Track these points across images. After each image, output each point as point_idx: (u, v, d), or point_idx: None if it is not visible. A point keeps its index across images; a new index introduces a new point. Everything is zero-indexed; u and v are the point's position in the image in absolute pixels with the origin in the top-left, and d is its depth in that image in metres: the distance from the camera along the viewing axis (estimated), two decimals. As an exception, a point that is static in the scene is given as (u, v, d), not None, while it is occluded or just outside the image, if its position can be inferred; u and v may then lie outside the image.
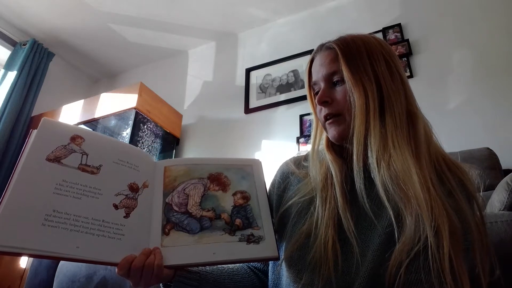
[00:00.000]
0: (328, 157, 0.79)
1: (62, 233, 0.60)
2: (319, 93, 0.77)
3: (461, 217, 0.63)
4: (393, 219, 0.65)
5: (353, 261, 0.66)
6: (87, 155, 0.70)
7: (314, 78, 0.81)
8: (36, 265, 1.61)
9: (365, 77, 0.72)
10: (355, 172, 0.71)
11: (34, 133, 0.67)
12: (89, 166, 0.69)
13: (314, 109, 0.83)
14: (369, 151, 0.70)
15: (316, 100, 0.78)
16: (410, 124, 0.72)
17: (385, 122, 0.71)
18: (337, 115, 0.75)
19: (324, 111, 0.77)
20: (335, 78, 0.76)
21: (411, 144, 0.69)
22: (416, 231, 0.61)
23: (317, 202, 0.74)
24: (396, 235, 0.63)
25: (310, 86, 0.84)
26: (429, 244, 0.59)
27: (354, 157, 0.71)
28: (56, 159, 0.67)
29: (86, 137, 0.72)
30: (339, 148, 0.80)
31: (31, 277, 1.58)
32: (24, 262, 2.27)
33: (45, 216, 0.60)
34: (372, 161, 0.69)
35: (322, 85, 0.78)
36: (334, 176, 0.75)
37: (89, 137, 0.73)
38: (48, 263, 1.57)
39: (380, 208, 0.69)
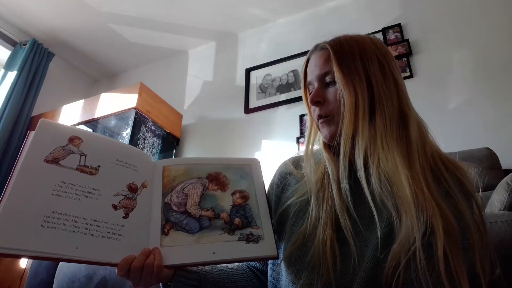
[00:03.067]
0: (324, 155, 0.79)
1: (61, 234, 0.60)
2: (312, 93, 0.78)
3: (459, 217, 0.63)
4: (377, 222, 0.65)
5: (350, 261, 0.66)
6: (85, 156, 0.70)
7: (308, 78, 0.81)
8: (36, 265, 1.61)
9: (356, 77, 0.72)
10: (340, 171, 0.71)
11: (31, 134, 0.67)
12: (88, 167, 0.69)
13: (309, 108, 0.83)
14: (356, 151, 0.70)
15: (309, 100, 0.78)
16: (402, 125, 0.71)
17: (375, 122, 0.70)
18: (327, 115, 0.76)
19: (316, 111, 0.78)
20: (328, 79, 0.76)
21: (402, 146, 0.68)
22: (410, 233, 0.60)
23: (313, 202, 0.74)
24: (380, 237, 0.63)
25: (305, 86, 0.84)
26: (417, 246, 0.59)
27: (341, 156, 0.71)
28: (55, 161, 0.67)
29: (84, 138, 0.72)
30: (335, 147, 0.80)
31: (31, 277, 1.58)
32: (24, 262, 2.28)
33: (44, 217, 0.60)
34: (359, 161, 0.69)
35: (315, 85, 0.78)
36: (330, 175, 0.75)
37: (87, 138, 0.73)
38: (48, 263, 1.57)
39: (367, 210, 0.69)
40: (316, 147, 0.84)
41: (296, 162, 0.88)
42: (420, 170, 0.66)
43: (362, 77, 0.73)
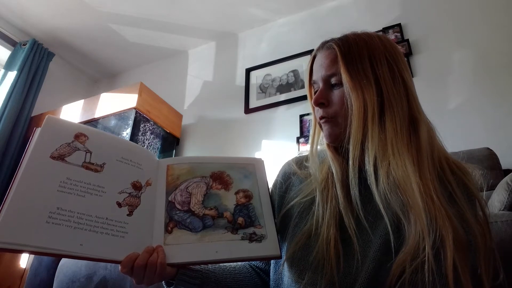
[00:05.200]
0: (328, 154, 0.78)
1: (66, 231, 0.61)
2: (316, 94, 0.76)
3: (464, 223, 0.62)
4: (389, 228, 0.64)
5: (353, 261, 0.66)
6: (90, 153, 0.70)
7: (314, 77, 0.80)
8: (36, 265, 1.60)
9: (364, 80, 0.70)
10: (350, 177, 0.70)
11: (38, 131, 0.68)
12: (93, 164, 0.69)
13: (313, 108, 0.81)
14: (366, 157, 0.69)
15: (312, 101, 0.77)
16: (412, 130, 0.70)
17: (385, 127, 0.69)
18: (331, 117, 0.75)
19: (320, 112, 0.77)
20: (333, 81, 0.74)
21: (412, 151, 0.67)
22: (420, 241, 0.60)
23: (318, 200, 0.73)
24: (393, 244, 0.63)
25: (310, 84, 0.83)
26: (427, 256, 0.58)
27: (350, 162, 0.70)
28: (60, 157, 0.67)
29: (90, 135, 0.72)
30: (340, 147, 0.79)
31: (31, 277, 1.58)
32: (24, 262, 2.27)
33: (49, 213, 0.61)
34: (369, 167, 0.68)
35: (320, 85, 0.77)
36: (334, 174, 0.74)
37: (93, 135, 0.73)
38: (48, 263, 1.56)
39: (375, 216, 0.68)
40: (319, 147, 0.83)
41: (299, 162, 0.88)
42: (429, 177, 0.65)
43: (371, 80, 0.70)
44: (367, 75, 0.71)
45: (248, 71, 2.90)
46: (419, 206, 0.61)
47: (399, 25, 2.40)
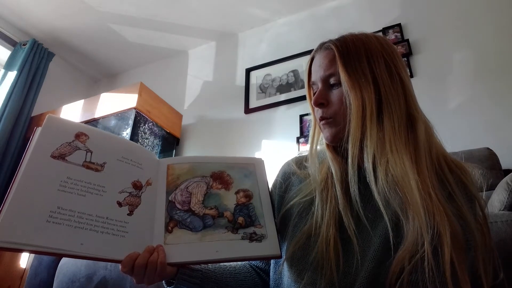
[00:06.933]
0: (328, 155, 0.78)
1: (67, 230, 0.61)
2: (315, 94, 0.77)
3: (461, 221, 0.63)
4: (388, 226, 0.64)
5: (353, 261, 0.66)
6: (91, 153, 0.70)
7: (312, 78, 0.80)
8: (36, 265, 1.60)
9: (362, 79, 0.71)
10: (349, 175, 0.70)
11: (38, 130, 0.68)
12: (94, 163, 0.70)
13: (312, 109, 0.82)
14: (365, 155, 0.69)
15: (312, 102, 0.77)
16: (410, 128, 0.70)
17: (383, 125, 0.69)
18: (330, 117, 0.75)
19: (319, 112, 0.77)
20: (332, 81, 0.75)
21: (410, 149, 0.67)
22: (418, 238, 0.60)
23: (317, 201, 0.74)
24: (392, 241, 0.63)
25: (309, 85, 0.83)
26: (426, 252, 0.58)
27: (349, 160, 0.70)
28: (61, 156, 0.67)
29: (91, 135, 0.72)
30: (339, 147, 0.80)
31: (31, 277, 1.58)
32: (24, 262, 2.27)
33: (49, 212, 0.61)
34: (368, 165, 0.68)
35: (319, 86, 0.77)
36: (334, 174, 0.74)
37: (94, 134, 0.73)
38: (48, 263, 1.56)
39: (375, 214, 0.68)
40: (319, 147, 0.84)
41: (299, 162, 0.88)
42: (427, 174, 0.65)
43: (369, 79, 0.71)
44: (365, 74, 0.72)
45: (248, 71, 2.90)
46: (417, 202, 0.61)
47: (399, 25, 2.40)
